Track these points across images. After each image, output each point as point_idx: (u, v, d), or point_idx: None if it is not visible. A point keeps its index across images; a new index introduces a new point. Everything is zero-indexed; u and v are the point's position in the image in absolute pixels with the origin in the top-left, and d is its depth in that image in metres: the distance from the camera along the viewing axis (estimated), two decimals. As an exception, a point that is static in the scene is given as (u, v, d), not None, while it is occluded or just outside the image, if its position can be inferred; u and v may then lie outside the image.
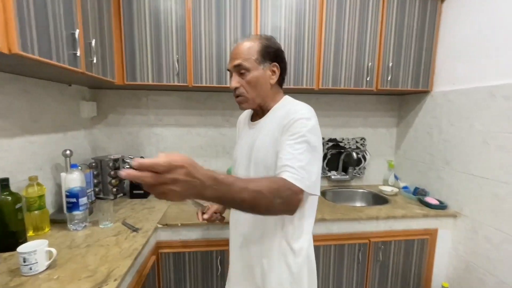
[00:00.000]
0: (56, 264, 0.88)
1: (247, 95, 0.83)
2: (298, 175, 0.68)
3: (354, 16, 1.53)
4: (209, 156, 1.86)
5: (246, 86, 0.82)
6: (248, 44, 0.82)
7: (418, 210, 1.51)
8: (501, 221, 1.28)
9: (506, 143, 1.26)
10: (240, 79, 0.82)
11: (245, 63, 0.80)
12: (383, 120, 2.01)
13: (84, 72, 1.04)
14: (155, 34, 1.41)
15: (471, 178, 1.43)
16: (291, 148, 0.72)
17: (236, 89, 0.83)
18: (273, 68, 0.83)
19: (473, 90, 1.41)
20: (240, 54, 0.81)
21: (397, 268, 1.52)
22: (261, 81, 0.82)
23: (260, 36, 0.84)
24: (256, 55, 0.81)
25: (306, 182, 0.68)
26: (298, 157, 0.70)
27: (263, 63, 0.82)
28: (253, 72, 0.81)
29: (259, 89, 0.83)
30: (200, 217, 0.98)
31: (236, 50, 0.82)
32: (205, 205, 1.00)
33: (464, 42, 1.48)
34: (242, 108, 0.87)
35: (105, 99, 1.72)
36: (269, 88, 0.84)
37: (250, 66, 0.81)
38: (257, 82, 0.82)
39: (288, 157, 0.70)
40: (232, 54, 0.83)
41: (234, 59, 0.82)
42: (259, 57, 0.81)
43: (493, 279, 1.32)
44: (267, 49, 0.82)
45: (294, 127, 0.74)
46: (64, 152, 1.23)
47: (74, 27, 0.98)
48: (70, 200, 1.12)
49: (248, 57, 0.80)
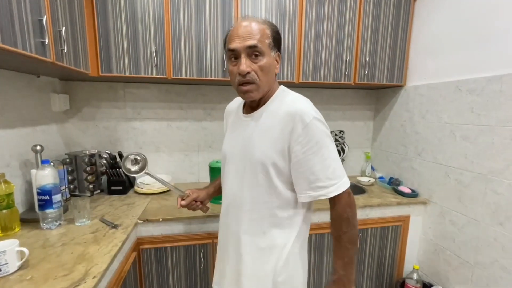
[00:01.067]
0: (28, 265, 0.83)
1: (259, 82, 0.73)
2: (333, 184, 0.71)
3: (332, 10, 1.56)
4: (190, 150, 1.84)
5: (259, 72, 0.72)
6: (259, 25, 0.73)
7: (392, 199, 1.60)
8: (465, 206, 1.39)
9: (469, 133, 1.36)
10: (251, 63, 0.72)
11: (260, 45, 0.71)
12: (361, 114, 2.09)
13: (54, 62, 0.98)
14: (131, 24, 1.35)
15: (439, 167, 1.53)
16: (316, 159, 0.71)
17: (246, 74, 0.72)
18: (277, 57, 0.78)
19: (442, 85, 1.51)
20: (254, 34, 0.71)
21: (373, 253, 1.61)
22: (272, 69, 0.75)
23: (266, 20, 0.77)
24: (270, 39, 0.73)
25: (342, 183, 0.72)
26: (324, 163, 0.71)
27: (273, 50, 0.75)
28: (267, 58, 0.73)
29: (269, 78, 0.76)
30: (178, 203, 0.96)
31: (247, 29, 0.71)
32: (185, 192, 0.99)
33: (434, 39, 1.56)
34: (250, 97, 0.76)
35: (79, 91, 1.64)
36: (273, 77, 0.79)
37: (265, 50, 0.72)
38: (269, 70, 0.74)
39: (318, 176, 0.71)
40: (241, 32, 0.71)
41: (246, 38, 0.70)
42: (272, 43, 0.74)
43: (457, 260, 1.44)
44: (277, 36, 0.76)
45: (307, 134, 0.70)
46: (34, 148, 1.16)
47: (41, 13, 0.91)
48: (42, 197, 1.07)
49: (263, 39, 0.72)
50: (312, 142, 0.70)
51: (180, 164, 1.84)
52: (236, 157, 0.82)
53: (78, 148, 1.67)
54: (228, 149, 0.87)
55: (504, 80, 1.20)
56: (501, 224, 1.23)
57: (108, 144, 1.72)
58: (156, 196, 1.55)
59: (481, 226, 1.31)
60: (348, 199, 0.74)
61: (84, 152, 1.52)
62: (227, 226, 0.87)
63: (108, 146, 1.72)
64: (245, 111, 0.85)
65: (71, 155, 1.48)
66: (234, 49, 0.72)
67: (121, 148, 1.73)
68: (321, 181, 0.71)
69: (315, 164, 0.71)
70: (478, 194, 1.33)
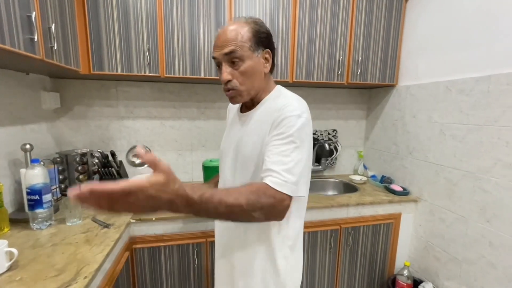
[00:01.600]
0: (18, 265, 0.82)
1: (240, 88, 0.74)
2: (282, 179, 0.63)
3: (326, 11, 1.57)
4: (183, 149, 1.83)
5: (240, 78, 0.73)
6: (237, 28, 0.71)
7: (384, 197, 1.63)
8: (453, 203, 1.43)
9: (458, 133, 1.39)
10: (232, 70, 0.73)
11: (238, 50, 0.70)
12: (354, 113, 2.11)
13: (43, 59, 0.97)
14: (123, 21, 1.34)
15: (430, 165, 1.57)
16: (277, 149, 0.67)
17: (227, 82, 0.73)
18: (266, 55, 0.76)
19: (432, 85, 1.53)
20: (230, 40, 0.70)
21: (365, 251, 1.64)
22: (256, 71, 0.75)
23: (248, 19, 0.75)
24: (249, 41, 0.72)
25: (292, 187, 0.64)
26: (283, 160, 0.65)
27: (257, 50, 0.73)
28: (248, 61, 0.72)
29: (254, 80, 0.75)
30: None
31: (224, 36, 0.72)
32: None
33: (424, 39, 1.59)
34: (234, 102, 0.78)
35: (70, 89, 1.61)
36: (263, 78, 0.78)
37: (244, 54, 0.72)
38: (253, 73, 0.74)
39: (273, 160, 0.66)
40: (219, 41, 0.73)
41: (223, 46, 0.71)
42: (253, 44, 0.72)
43: (446, 256, 1.47)
44: (259, 34, 0.73)
45: (282, 126, 0.69)
46: (23, 146, 1.14)
47: (30, 9, 0.90)
48: (32, 197, 1.05)
49: (241, 43, 0.71)
50: (284, 134, 0.68)
51: (174, 163, 1.83)
52: (231, 153, 0.84)
53: (70, 147, 1.65)
54: (224, 145, 0.89)
55: (492, 81, 1.23)
56: (488, 221, 1.26)
57: (100, 143, 1.70)
58: (149, 195, 1.54)
59: (469, 223, 1.35)
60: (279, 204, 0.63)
61: (76, 151, 1.49)
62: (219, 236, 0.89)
63: (100, 145, 1.69)
64: (242, 110, 0.87)
65: (62, 154, 1.46)
66: (215, 58, 0.75)
67: (114, 147, 1.71)
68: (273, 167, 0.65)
69: (276, 154, 0.66)
70: (466, 192, 1.36)
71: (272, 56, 0.78)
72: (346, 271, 1.62)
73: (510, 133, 1.17)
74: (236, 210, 0.58)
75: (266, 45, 0.76)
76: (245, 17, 0.76)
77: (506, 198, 1.19)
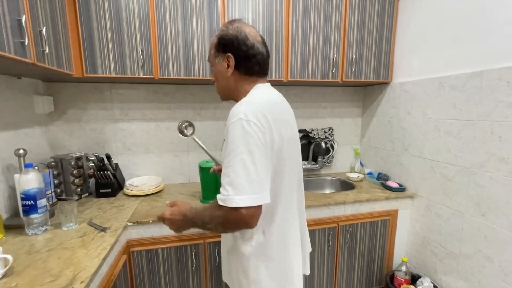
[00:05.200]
0: (13, 272, 0.81)
1: (217, 90, 0.88)
2: (224, 194, 0.66)
3: (319, 9, 1.58)
4: (180, 150, 1.82)
5: (216, 82, 0.86)
6: (212, 38, 0.84)
7: (381, 194, 1.64)
8: (449, 198, 1.44)
9: (453, 128, 1.40)
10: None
11: (209, 58, 0.85)
12: (349, 111, 2.12)
13: (35, 63, 0.96)
14: (116, 23, 1.33)
15: (425, 161, 1.58)
16: (225, 161, 0.68)
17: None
18: (228, 59, 0.79)
19: (426, 81, 1.55)
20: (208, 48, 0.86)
21: (363, 248, 1.64)
22: (219, 75, 0.83)
23: (223, 25, 0.82)
24: (213, 49, 0.82)
25: (234, 199, 0.64)
26: (227, 172, 0.67)
27: (217, 56, 0.81)
28: (214, 67, 0.84)
29: (220, 83, 0.85)
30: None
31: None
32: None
33: (417, 36, 1.60)
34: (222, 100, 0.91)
35: (64, 93, 1.60)
36: (228, 81, 0.81)
37: (211, 61, 0.84)
38: (217, 77, 0.84)
39: (223, 173, 0.68)
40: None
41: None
42: (215, 51, 0.81)
43: (443, 251, 1.48)
44: (221, 41, 0.79)
45: (227, 135, 0.69)
46: (17, 151, 1.13)
47: (20, 13, 0.89)
48: (27, 202, 1.04)
49: (210, 52, 0.84)
50: (228, 144, 0.68)
51: (170, 165, 1.82)
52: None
53: (64, 151, 1.63)
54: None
55: (484, 76, 1.24)
56: (483, 215, 1.27)
57: (95, 146, 1.68)
58: (146, 197, 1.53)
59: (465, 217, 1.36)
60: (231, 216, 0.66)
61: (71, 155, 1.48)
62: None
63: (96, 148, 1.68)
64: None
65: (56, 159, 1.44)
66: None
67: (109, 150, 1.70)
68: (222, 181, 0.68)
69: (224, 167, 0.69)
70: (462, 187, 1.37)
71: (239, 58, 0.78)
72: (344, 269, 1.63)
73: (502, 127, 1.18)
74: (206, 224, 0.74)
75: (226, 49, 0.79)
76: (225, 23, 0.83)
77: (501, 192, 1.20)
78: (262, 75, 0.83)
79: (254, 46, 0.78)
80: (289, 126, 0.81)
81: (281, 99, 0.85)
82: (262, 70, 0.82)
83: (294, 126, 0.87)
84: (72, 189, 1.48)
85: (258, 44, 0.79)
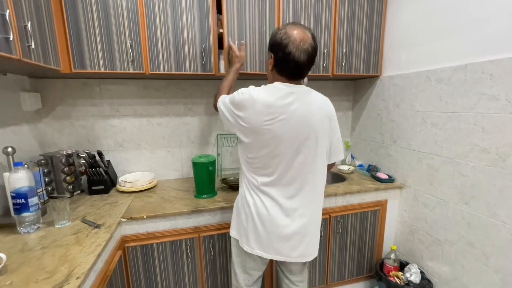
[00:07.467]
0: (7, 270, 0.81)
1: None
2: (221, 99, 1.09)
3: (309, 4, 1.58)
4: (172, 146, 1.82)
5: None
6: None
7: (370, 185, 1.68)
8: (435, 188, 1.49)
9: (439, 120, 1.45)
10: None
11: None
12: (340, 104, 2.15)
13: (20, 59, 0.94)
14: (103, 17, 1.30)
15: (413, 153, 1.63)
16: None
17: None
18: (269, 57, 1.01)
19: (413, 75, 1.58)
20: None
21: (354, 238, 1.70)
22: (267, 65, 1.04)
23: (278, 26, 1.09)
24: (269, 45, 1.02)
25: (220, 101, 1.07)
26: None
27: (268, 52, 1.02)
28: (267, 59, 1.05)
29: (267, 73, 1.07)
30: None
31: None
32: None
33: (405, 30, 1.63)
34: None
35: (51, 89, 1.56)
36: (269, 73, 1.05)
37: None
38: (267, 67, 1.05)
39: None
40: None
41: None
42: (268, 47, 1.02)
43: (429, 238, 1.55)
44: (270, 41, 1.00)
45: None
46: (5, 150, 1.11)
47: (3, 7, 0.86)
48: (18, 201, 1.03)
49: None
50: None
51: (163, 161, 1.82)
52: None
53: (54, 149, 1.61)
54: None
55: (468, 69, 1.28)
56: (466, 203, 1.33)
57: (86, 143, 1.67)
58: (139, 193, 1.53)
59: (450, 206, 1.42)
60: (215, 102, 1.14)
61: (61, 152, 1.47)
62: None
63: (86, 145, 1.66)
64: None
65: (46, 156, 1.43)
66: None
67: (100, 146, 1.69)
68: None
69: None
70: (446, 177, 1.43)
71: (276, 60, 0.96)
72: (336, 258, 1.68)
73: (485, 119, 1.23)
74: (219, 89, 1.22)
75: (272, 50, 0.99)
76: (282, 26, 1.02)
77: (483, 181, 1.26)
78: (293, 78, 0.99)
79: (291, 54, 0.92)
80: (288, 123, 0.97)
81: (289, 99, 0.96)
82: (293, 75, 0.98)
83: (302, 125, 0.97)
84: (64, 186, 1.46)
85: (297, 53, 0.92)
